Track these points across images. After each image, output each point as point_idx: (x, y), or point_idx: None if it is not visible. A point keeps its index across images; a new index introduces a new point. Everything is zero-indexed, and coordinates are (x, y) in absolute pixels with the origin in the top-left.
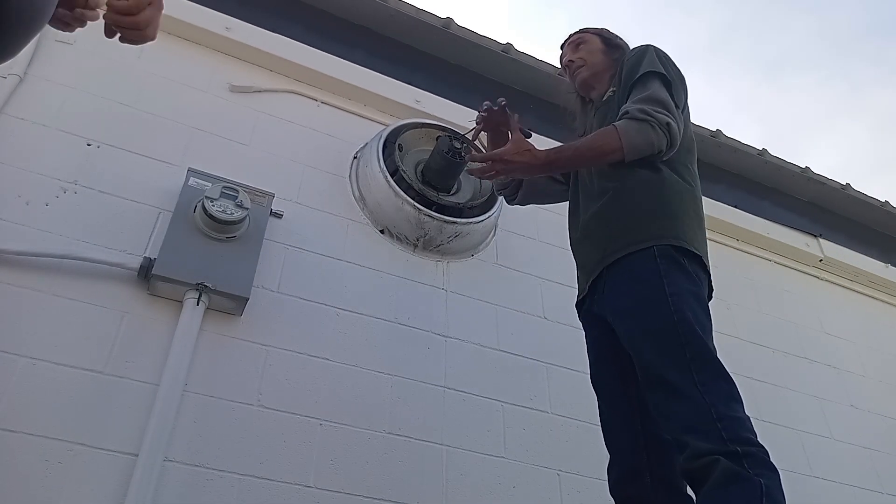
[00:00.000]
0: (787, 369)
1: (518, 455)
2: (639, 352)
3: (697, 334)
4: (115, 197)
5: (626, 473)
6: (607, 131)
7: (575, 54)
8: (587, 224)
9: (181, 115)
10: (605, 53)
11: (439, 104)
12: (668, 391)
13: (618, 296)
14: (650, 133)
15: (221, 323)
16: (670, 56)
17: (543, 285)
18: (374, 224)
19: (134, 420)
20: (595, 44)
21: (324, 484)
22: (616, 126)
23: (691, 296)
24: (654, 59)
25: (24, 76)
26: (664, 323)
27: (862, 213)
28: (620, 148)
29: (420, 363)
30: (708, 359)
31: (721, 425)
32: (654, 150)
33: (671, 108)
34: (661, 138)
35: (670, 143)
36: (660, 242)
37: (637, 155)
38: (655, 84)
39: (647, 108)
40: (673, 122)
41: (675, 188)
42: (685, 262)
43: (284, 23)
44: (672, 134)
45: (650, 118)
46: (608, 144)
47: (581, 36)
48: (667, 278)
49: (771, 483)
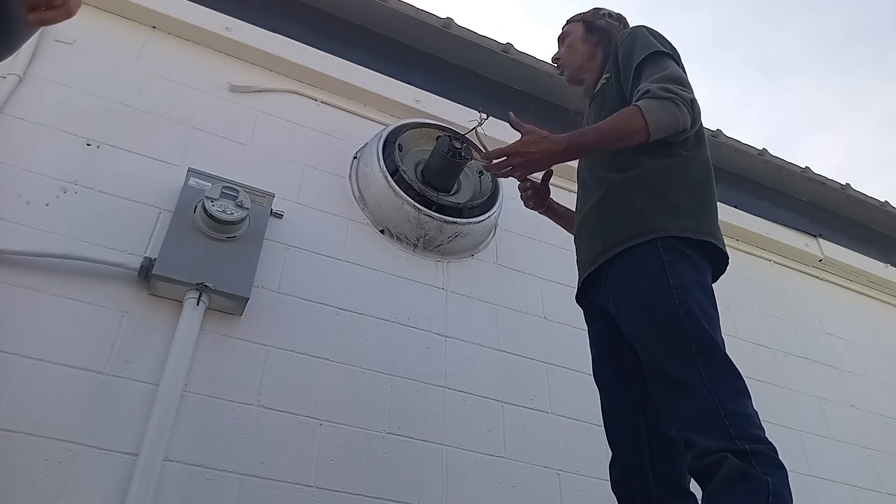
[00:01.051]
0: (787, 369)
1: (518, 455)
2: (643, 346)
3: (703, 327)
4: (115, 197)
5: (629, 470)
6: (630, 111)
7: (561, 49)
8: (587, 216)
9: (181, 115)
10: (585, 41)
11: (439, 104)
12: (674, 386)
13: (621, 288)
14: (675, 111)
15: (221, 323)
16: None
17: (543, 285)
18: (374, 224)
19: (134, 420)
20: (576, 33)
21: (324, 484)
22: (639, 105)
23: (697, 287)
24: (651, 41)
25: (24, 76)
26: (669, 316)
27: (862, 213)
28: (645, 127)
29: (420, 363)
30: (714, 353)
31: (729, 422)
32: (678, 129)
33: (690, 85)
34: (686, 115)
35: (693, 120)
36: (663, 234)
37: (662, 133)
38: (669, 63)
39: (669, 87)
40: (696, 100)
41: (683, 174)
42: (690, 253)
43: (284, 23)
44: (696, 111)
45: (674, 95)
46: (633, 125)
47: (567, 29)
48: (671, 269)
49: (778, 482)
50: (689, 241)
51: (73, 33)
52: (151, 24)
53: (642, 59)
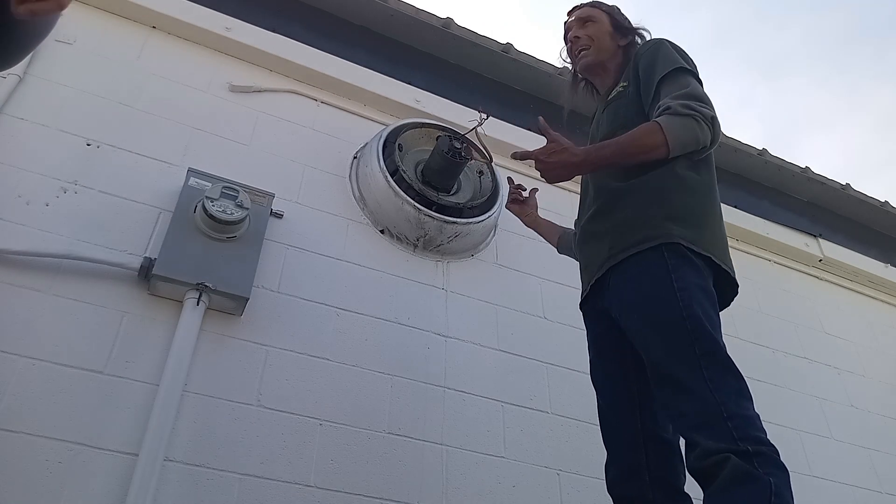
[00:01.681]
0: (787, 369)
1: (518, 455)
2: (646, 347)
3: (707, 330)
4: (115, 197)
5: (624, 472)
6: (650, 127)
7: (582, 30)
8: (590, 223)
9: (181, 115)
10: (613, 38)
11: (439, 104)
12: (677, 388)
13: (624, 290)
14: (695, 128)
15: (221, 323)
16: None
17: (543, 285)
18: (374, 224)
19: (134, 420)
20: (604, 24)
21: (324, 484)
22: (659, 122)
23: (700, 290)
24: (675, 56)
25: (24, 76)
26: (673, 318)
27: (862, 213)
28: (665, 143)
29: (420, 363)
30: (717, 355)
31: (731, 424)
32: (698, 146)
33: (711, 103)
34: (706, 133)
35: (713, 138)
36: (669, 241)
37: (682, 150)
38: (691, 80)
39: (690, 104)
40: (717, 118)
41: (685, 186)
42: (694, 258)
43: (284, 23)
44: (716, 129)
45: (695, 112)
46: (653, 140)
47: (591, 11)
48: (675, 273)
49: (781, 483)
50: (695, 253)
51: (73, 33)
52: (151, 23)
53: (665, 74)
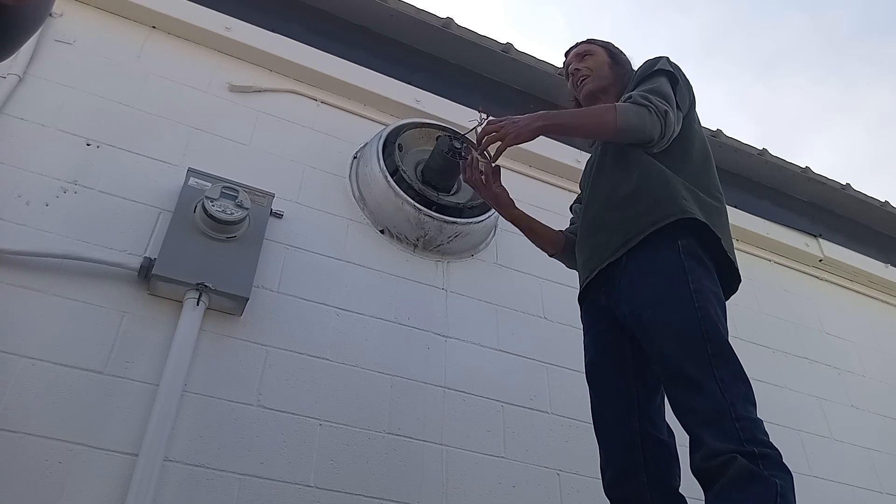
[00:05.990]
0: (787, 369)
1: (518, 455)
2: (658, 344)
3: (721, 333)
4: (115, 197)
5: (622, 473)
6: (606, 107)
7: (581, 63)
8: (600, 215)
9: (181, 115)
10: (611, 67)
11: (439, 104)
12: (688, 385)
13: (637, 287)
14: (646, 117)
15: (221, 323)
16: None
17: (543, 285)
18: (374, 224)
19: (134, 420)
20: (601, 56)
21: (324, 484)
22: (615, 104)
23: (714, 295)
24: (665, 63)
25: (24, 76)
26: (687, 316)
27: (862, 213)
28: (614, 122)
29: (420, 363)
30: (728, 358)
31: (739, 425)
32: (645, 135)
33: (672, 102)
34: (656, 125)
35: (663, 133)
36: (684, 216)
37: (627, 134)
38: (662, 79)
39: (649, 97)
40: (671, 114)
41: (699, 185)
42: (709, 263)
43: (284, 23)
44: (667, 124)
45: (650, 104)
46: (603, 117)
47: (588, 47)
48: (691, 275)
49: (785, 485)
50: (706, 248)
51: (73, 33)
52: (151, 23)
53: (646, 75)
